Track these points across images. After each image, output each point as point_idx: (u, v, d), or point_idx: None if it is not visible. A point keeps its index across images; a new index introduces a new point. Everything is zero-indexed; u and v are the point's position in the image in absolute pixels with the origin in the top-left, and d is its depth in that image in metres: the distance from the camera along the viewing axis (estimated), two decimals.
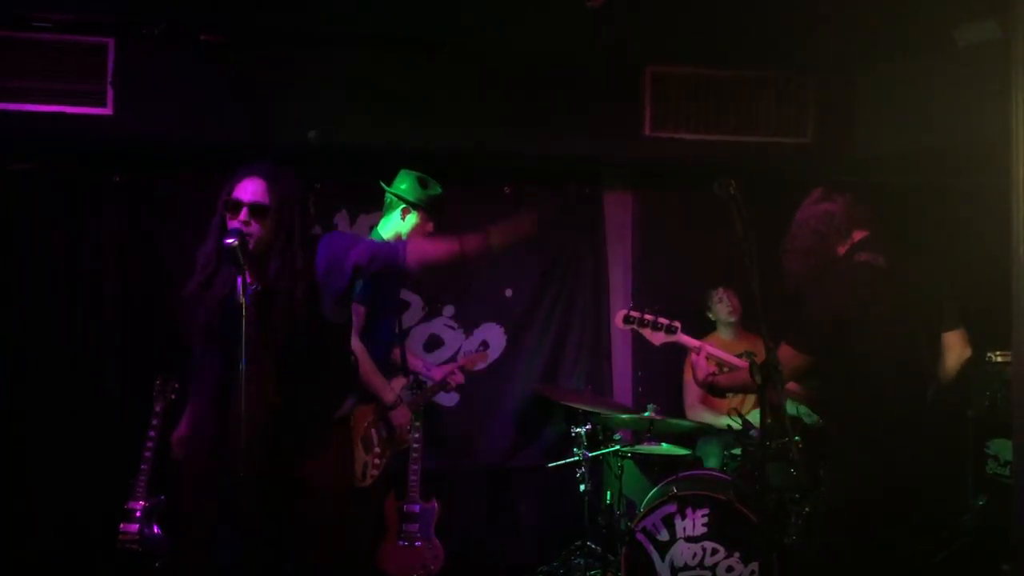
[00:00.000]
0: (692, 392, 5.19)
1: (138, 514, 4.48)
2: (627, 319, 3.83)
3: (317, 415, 3.13)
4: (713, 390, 3.64)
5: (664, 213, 5.68)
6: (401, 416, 4.28)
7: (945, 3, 4.26)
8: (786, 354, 3.28)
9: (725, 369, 3.66)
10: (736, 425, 4.42)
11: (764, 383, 2.81)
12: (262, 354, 2.90)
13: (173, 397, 4.63)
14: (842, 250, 3.44)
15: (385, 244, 3.20)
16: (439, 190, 4.34)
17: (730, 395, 4.91)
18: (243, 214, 2.97)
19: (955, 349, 3.50)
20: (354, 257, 3.05)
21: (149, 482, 4.51)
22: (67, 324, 5.02)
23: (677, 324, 3.79)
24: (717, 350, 3.72)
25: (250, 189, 3.00)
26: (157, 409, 4.61)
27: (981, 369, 4.90)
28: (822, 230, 3.43)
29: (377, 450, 4.25)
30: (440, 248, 3.16)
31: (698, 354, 3.66)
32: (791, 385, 3.45)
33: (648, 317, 3.79)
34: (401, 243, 3.26)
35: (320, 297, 3.03)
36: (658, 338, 3.79)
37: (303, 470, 3.08)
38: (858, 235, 3.47)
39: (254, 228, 2.97)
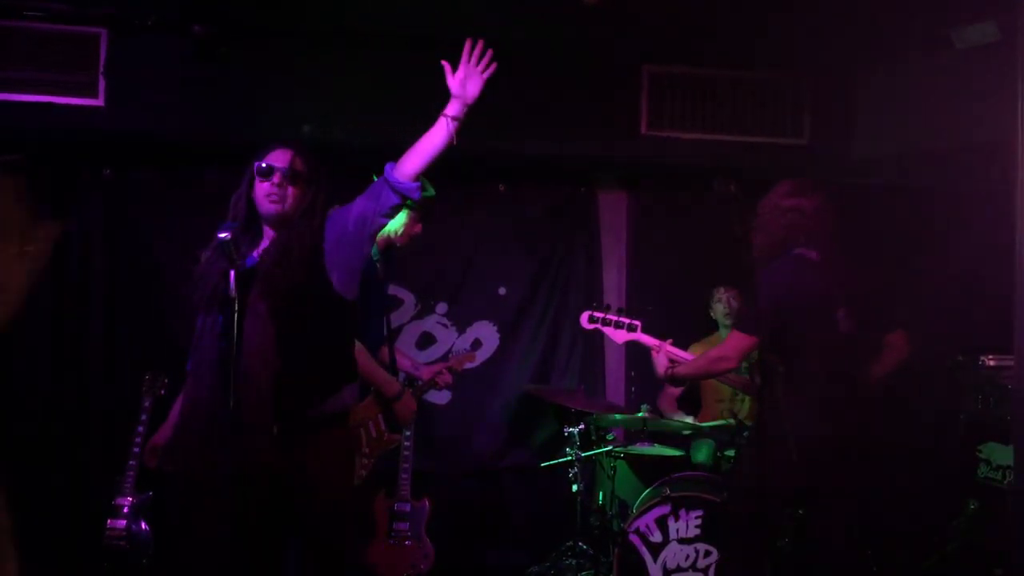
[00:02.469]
0: (666, 395, 5.23)
1: (126, 510, 4.45)
2: (591, 319, 4.11)
3: (318, 385, 3.07)
4: (674, 382, 3.83)
5: (659, 213, 5.66)
6: (407, 404, 4.27)
7: (943, 4, 4.25)
8: (735, 338, 3.51)
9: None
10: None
11: (763, 383, 2.81)
12: (264, 316, 2.90)
13: (162, 393, 4.60)
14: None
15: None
16: (432, 192, 4.29)
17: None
18: (276, 177, 3.03)
19: (895, 349, 3.72)
20: (357, 210, 3.07)
21: (137, 478, 4.48)
22: (53, 318, 4.97)
23: (637, 323, 4.03)
24: (675, 349, 3.87)
25: (283, 157, 3.06)
26: (146, 404, 4.57)
27: (973, 373, 4.90)
28: (793, 223, 3.59)
29: (365, 450, 4.23)
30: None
31: (658, 352, 3.83)
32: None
33: (611, 317, 4.07)
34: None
35: (326, 269, 3.03)
36: (620, 336, 4.05)
37: (306, 465, 3.02)
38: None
39: (289, 191, 3.03)
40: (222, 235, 2.85)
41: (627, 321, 4.05)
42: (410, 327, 5.42)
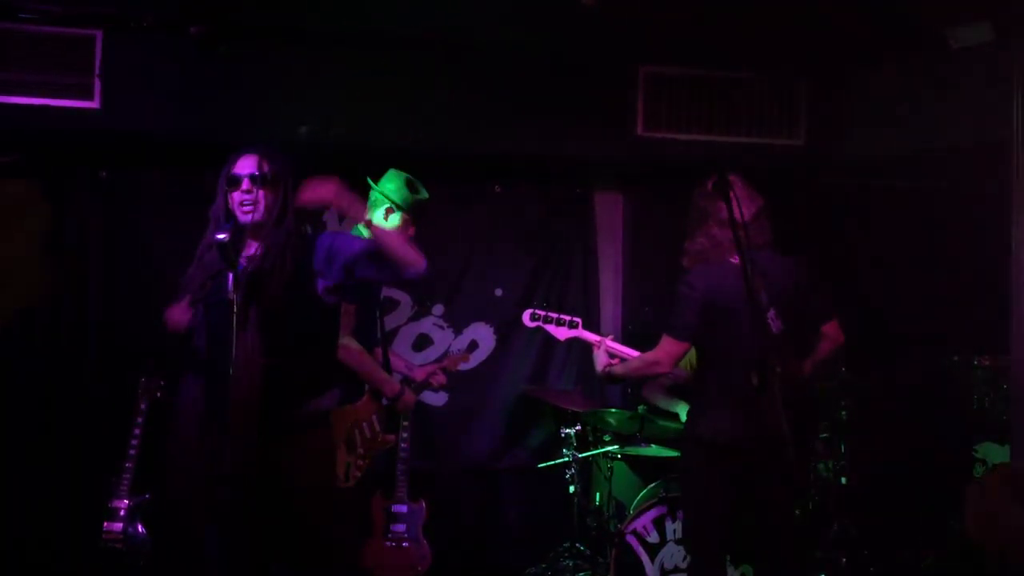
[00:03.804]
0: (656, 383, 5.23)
1: (122, 513, 4.44)
2: (533, 316, 4.18)
3: (302, 387, 3.10)
4: (611, 379, 3.85)
5: (655, 213, 5.66)
6: (407, 400, 4.29)
7: (939, 4, 4.26)
8: (667, 344, 3.52)
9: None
10: None
11: (761, 385, 2.81)
12: (252, 319, 2.95)
13: (158, 395, 4.58)
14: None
15: (375, 255, 3.17)
16: (426, 195, 4.32)
17: None
18: (245, 184, 3.06)
19: (829, 338, 3.70)
20: (345, 257, 3.10)
21: (133, 481, 4.47)
22: (52, 318, 4.95)
23: (578, 320, 4.12)
24: (616, 344, 3.93)
25: (248, 163, 3.10)
26: (142, 407, 4.56)
27: (969, 373, 4.91)
28: (733, 235, 3.43)
29: (360, 451, 4.22)
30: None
31: (598, 348, 3.87)
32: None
33: (552, 314, 4.15)
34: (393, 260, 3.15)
35: (312, 276, 3.08)
36: (562, 333, 4.11)
37: (286, 466, 3.04)
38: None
39: (260, 196, 3.06)
40: (220, 236, 2.89)
41: (568, 318, 4.13)
42: (406, 329, 5.42)
